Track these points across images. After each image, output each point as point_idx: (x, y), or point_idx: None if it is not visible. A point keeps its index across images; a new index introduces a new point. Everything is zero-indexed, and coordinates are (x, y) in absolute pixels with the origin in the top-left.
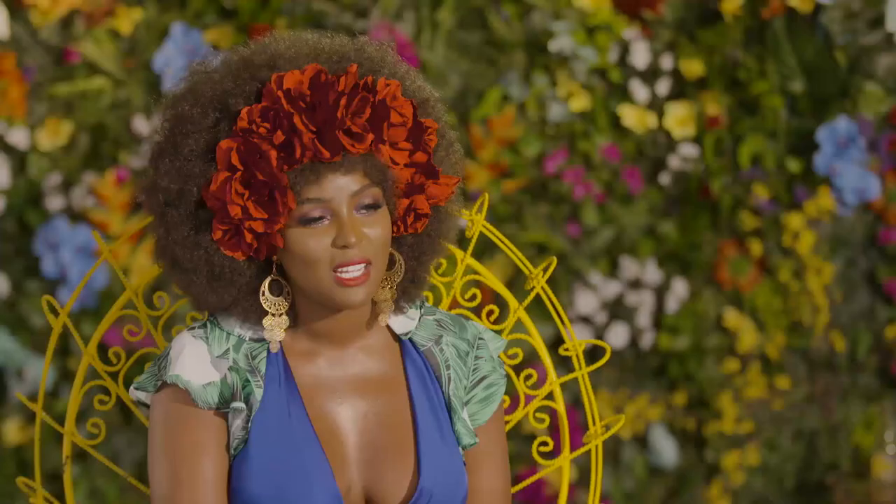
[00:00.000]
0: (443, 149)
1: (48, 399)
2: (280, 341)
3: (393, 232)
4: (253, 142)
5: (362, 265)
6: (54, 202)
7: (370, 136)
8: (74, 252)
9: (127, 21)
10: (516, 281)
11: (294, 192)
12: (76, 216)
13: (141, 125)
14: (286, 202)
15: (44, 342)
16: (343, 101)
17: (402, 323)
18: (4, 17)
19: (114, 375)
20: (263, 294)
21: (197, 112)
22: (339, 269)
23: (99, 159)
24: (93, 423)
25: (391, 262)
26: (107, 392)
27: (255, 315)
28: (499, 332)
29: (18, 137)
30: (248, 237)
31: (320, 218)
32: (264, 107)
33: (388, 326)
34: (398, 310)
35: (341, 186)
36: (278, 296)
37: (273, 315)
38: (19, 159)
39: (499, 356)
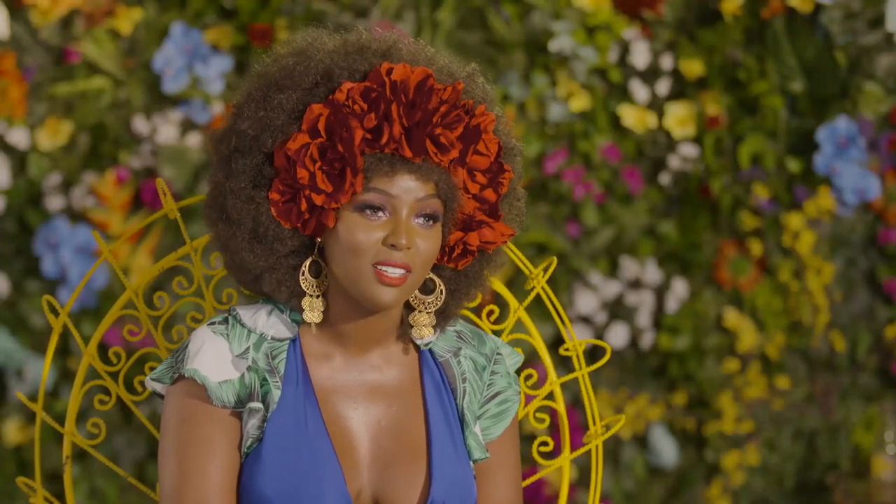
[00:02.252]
0: (508, 201)
1: (48, 399)
2: (303, 332)
3: (436, 258)
4: (344, 114)
5: (402, 270)
6: (54, 202)
7: (454, 153)
8: (74, 252)
9: (127, 21)
10: (516, 281)
11: (364, 178)
12: (76, 216)
13: (141, 125)
14: (354, 183)
15: (44, 342)
16: (443, 109)
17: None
18: (4, 17)
19: (114, 375)
20: (303, 273)
21: (299, 70)
22: (380, 266)
23: (99, 159)
24: (93, 423)
25: (430, 289)
26: (107, 392)
27: (288, 290)
28: (499, 333)
29: (18, 137)
30: (304, 206)
31: (379, 210)
32: (366, 87)
33: (409, 335)
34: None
35: (410, 188)
36: (315, 278)
37: (311, 296)
38: (19, 159)
39: (514, 372)
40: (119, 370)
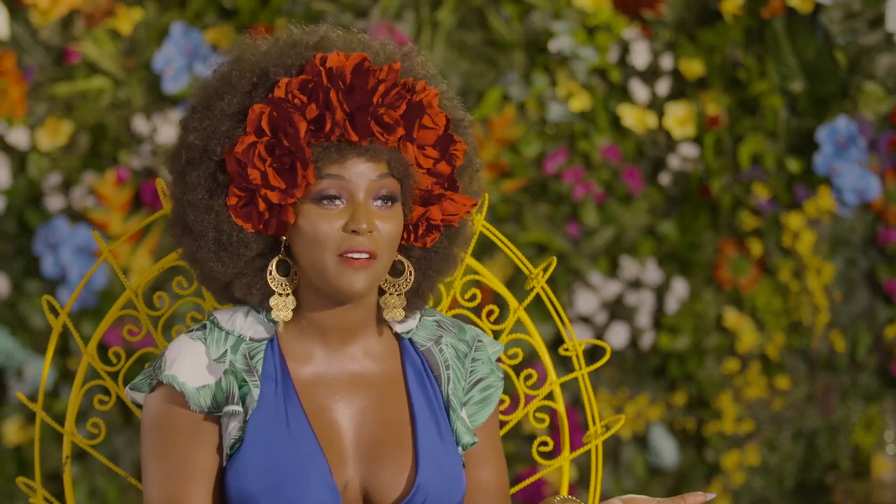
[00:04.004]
0: (467, 173)
1: (48, 399)
2: (280, 331)
3: (402, 239)
4: (286, 109)
5: (366, 255)
6: (54, 202)
7: (400, 131)
8: (74, 252)
9: (127, 21)
10: (516, 281)
11: (316, 168)
12: (76, 216)
13: (141, 125)
14: (306, 175)
15: (44, 342)
16: (381, 89)
17: (403, 322)
18: (4, 17)
19: (114, 375)
20: (271, 273)
21: (235, 75)
22: (345, 255)
23: (99, 159)
24: (93, 423)
25: (399, 271)
26: (107, 392)
27: (259, 293)
28: (499, 333)
29: (18, 137)
30: (262, 206)
31: (335, 198)
32: (303, 79)
33: (388, 325)
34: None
35: (362, 171)
36: (284, 276)
37: (280, 295)
38: (19, 159)
39: (497, 360)
40: (119, 370)
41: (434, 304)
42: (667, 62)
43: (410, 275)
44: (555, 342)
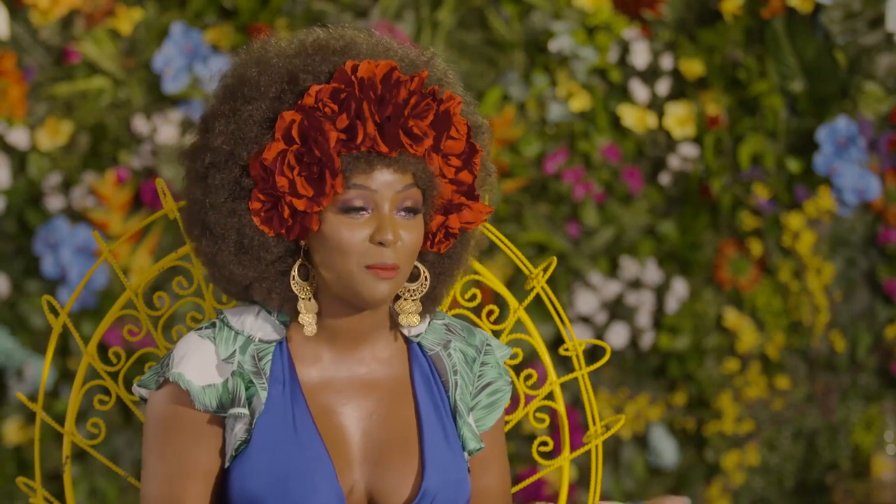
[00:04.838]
0: (481, 178)
1: (48, 399)
2: (287, 338)
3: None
4: (316, 118)
5: (391, 266)
6: (54, 202)
7: (429, 141)
8: (74, 252)
9: (127, 21)
10: (516, 281)
11: (343, 177)
12: (76, 216)
13: (141, 125)
14: (334, 185)
15: (44, 342)
16: (413, 101)
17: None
18: (4, 17)
19: (114, 375)
20: (294, 278)
21: (264, 80)
22: (371, 267)
23: (99, 159)
24: (93, 423)
25: (415, 276)
26: (107, 392)
27: (279, 296)
28: (499, 333)
29: (18, 137)
30: (286, 212)
31: (361, 209)
32: (335, 88)
33: (398, 329)
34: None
35: (389, 182)
36: (304, 280)
37: (303, 299)
38: (19, 159)
39: (504, 364)
40: (119, 370)
41: None
42: (667, 62)
43: (426, 280)
44: (555, 342)
